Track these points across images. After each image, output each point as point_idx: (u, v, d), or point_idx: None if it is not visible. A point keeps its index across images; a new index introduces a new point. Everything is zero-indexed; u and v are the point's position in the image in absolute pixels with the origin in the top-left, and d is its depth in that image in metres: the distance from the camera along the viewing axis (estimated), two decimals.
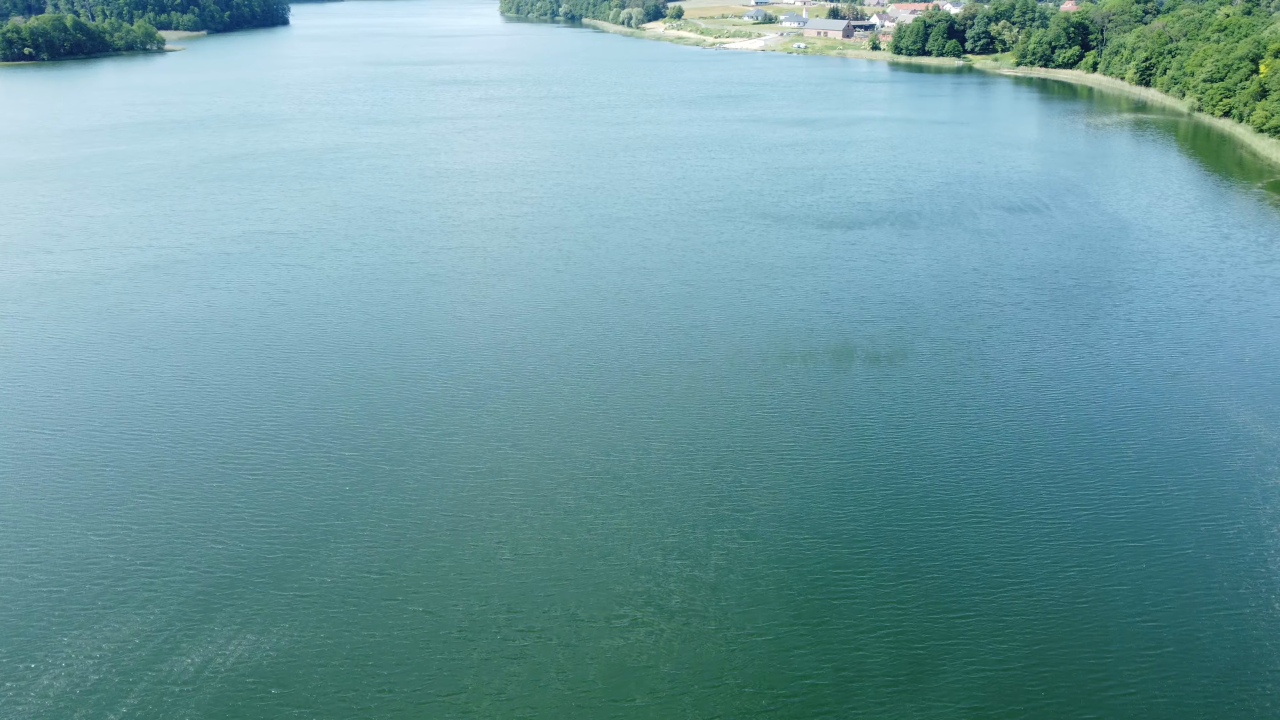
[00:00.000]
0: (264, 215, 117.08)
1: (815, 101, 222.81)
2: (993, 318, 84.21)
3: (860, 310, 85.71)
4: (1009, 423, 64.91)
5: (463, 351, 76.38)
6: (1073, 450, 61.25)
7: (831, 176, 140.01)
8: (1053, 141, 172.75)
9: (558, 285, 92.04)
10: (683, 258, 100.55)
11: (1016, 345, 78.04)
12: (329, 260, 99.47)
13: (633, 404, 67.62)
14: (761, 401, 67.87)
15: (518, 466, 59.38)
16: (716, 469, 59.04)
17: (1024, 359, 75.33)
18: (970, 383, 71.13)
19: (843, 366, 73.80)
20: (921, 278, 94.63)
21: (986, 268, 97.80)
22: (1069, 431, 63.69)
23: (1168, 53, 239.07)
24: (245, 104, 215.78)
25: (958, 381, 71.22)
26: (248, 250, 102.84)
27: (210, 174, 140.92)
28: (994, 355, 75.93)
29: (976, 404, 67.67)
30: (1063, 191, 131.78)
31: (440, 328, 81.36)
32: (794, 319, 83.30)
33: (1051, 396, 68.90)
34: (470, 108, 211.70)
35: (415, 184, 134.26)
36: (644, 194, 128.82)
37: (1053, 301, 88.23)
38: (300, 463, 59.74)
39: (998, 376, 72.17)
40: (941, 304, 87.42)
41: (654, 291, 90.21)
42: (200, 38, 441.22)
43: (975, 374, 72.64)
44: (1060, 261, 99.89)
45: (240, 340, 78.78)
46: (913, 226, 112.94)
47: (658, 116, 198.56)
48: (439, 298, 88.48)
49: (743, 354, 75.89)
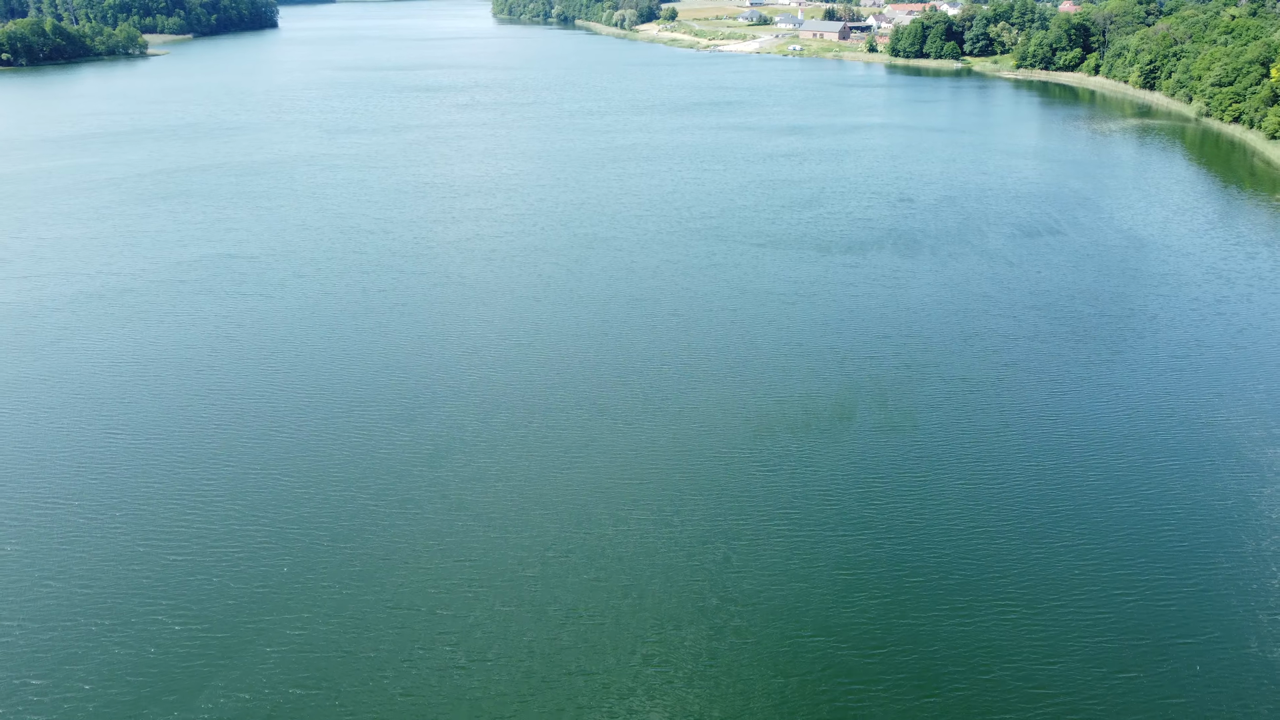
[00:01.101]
0: (226, 237, 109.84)
1: (811, 107, 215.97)
2: (1008, 353, 77.30)
3: (863, 344, 78.76)
4: (1034, 483, 57.93)
5: (426, 399, 69.27)
6: (1110, 520, 54.29)
7: (829, 190, 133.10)
8: (1058, 149, 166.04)
9: (535, 317, 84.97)
10: (671, 283, 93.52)
11: (1036, 386, 71.12)
12: (291, 289, 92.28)
13: (612, 461, 60.59)
14: (755, 457, 60.86)
15: (478, 546, 52.26)
16: (704, 544, 52.01)
17: (1045, 403, 68.38)
18: (988, 432, 64.17)
19: (846, 413, 66.80)
20: (928, 305, 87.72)
21: (998, 294, 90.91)
22: (1103, 495, 56.75)
23: (1173, 55, 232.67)
24: (221, 112, 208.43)
25: (974, 431, 64.26)
26: (204, 277, 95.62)
27: (176, 189, 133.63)
28: (1012, 399, 68.98)
29: (996, 459, 60.71)
30: (1073, 205, 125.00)
31: (404, 371, 74.21)
32: (791, 356, 76.31)
33: (1079, 450, 61.94)
34: (454, 115, 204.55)
35: (390, 200, 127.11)
36: (632, 210, 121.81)
37: (1072, 334, 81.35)
38: (235, 538, 52.61)
39: (1018, 425, 65.21)
40: (951, 336, 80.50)
41: (639, 324, 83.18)
42: (186, 41, 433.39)
43: (993, 421, 65.69)
44: (1077, 286, 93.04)
45: (183, 384, 71.58)
46: (917, 246, 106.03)
47: (648, 124, 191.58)
48: (405, 333, 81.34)
49: (735, 399, 68.88)
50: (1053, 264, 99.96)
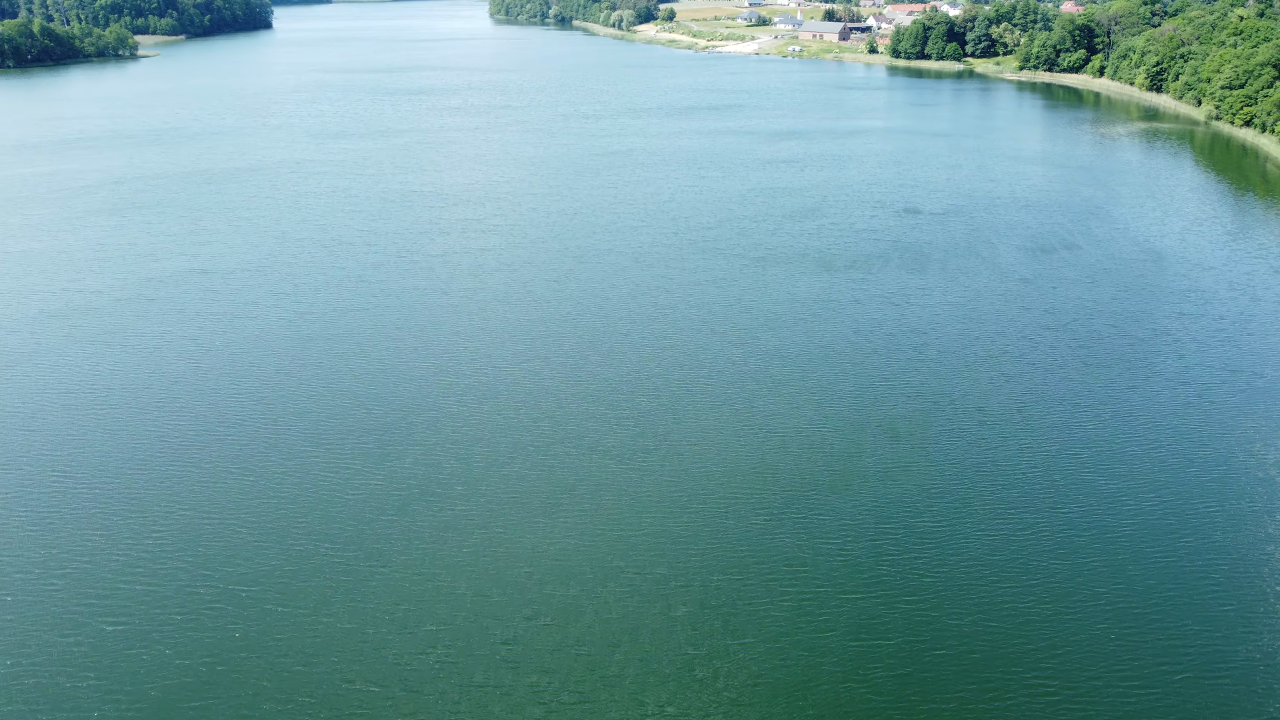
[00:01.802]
0: (201, 250, 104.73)
1: (812, 110, 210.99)
2: (1026, 379, 72.33)
3: (872, 370, 73.75)
4: (1062, 532, 52.94)
5: (401, 435, 64.21)
6: (1147, 576, 49.26)
7: (831, 198, 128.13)
8: (1066, 154, 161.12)
9: (521, 342, 79.93)
10: (667, 303, 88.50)
11: (1057, 419, 66.11)
12: (264, 308, 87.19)
13: (599, 507, 55.56)
14: (757, 502, 55.85)
15: (447, 610, 47.25)
16: (700, 607, 47.00)
17: (1068, 439, 63.36)
18: (1008, 472, 59.18)
19: (854, 450, 61.76)
20: (939, 327, 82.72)
21: (1012, 313, 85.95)
22: (1136, 545, 51.75)
23: (1180, 57, 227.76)
24: (206, 115, 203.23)
25: (993, 471, 59.27)
26: (174, 295, 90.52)
27: (152, 198, 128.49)
28: (1033, 434, 63.96)
29: (1018, 505, 55.71)
30: (1085, 215, 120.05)
31: (378, 402, 69.13)
32: (795, 385, 71.29)
33: (1107, 493, 56.96)
34: (445, 119, 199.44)
35: (375, 210, 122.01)
36: (626, 221, 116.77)
37: (1093, 357, 76.39)
38: (181, 603, 47.57)
39: (1040, 464, 60.20)
40: (965, 361, 75.51)
41: (631, 349, 78.14)
42: (178, 43, 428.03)
43: (1013, 458, 60.68)
44: (1094, 304, 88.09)
45: (139, 418, 66.49)
46: (925, 260, 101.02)
47: (645, 128, 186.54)
48: (382, 360, 76.25)
49: (735, 435, 63.85)
50: (1067, 280, 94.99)
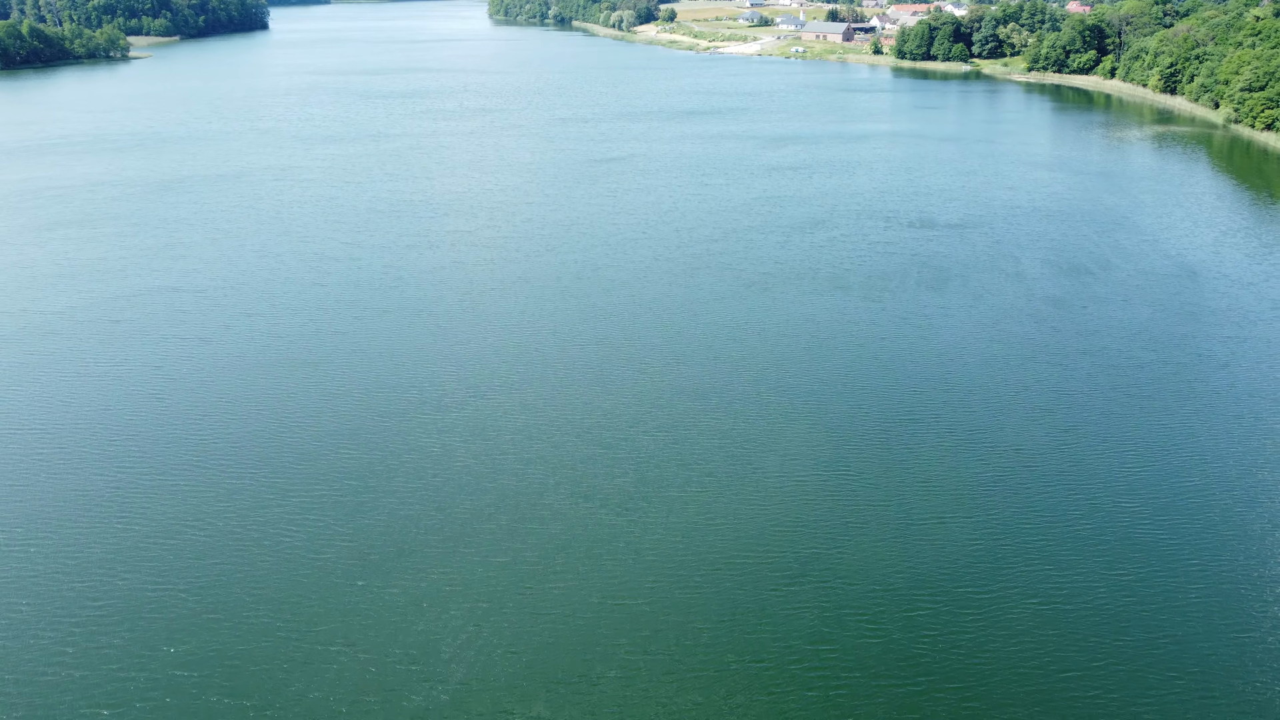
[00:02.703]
0: (174, 265, 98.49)
1: (818, 114, 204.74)
2: (1064, 413, 66.08)
3: (895, 404, 67.49)
4: (1122, 600, 46.64)
5: (378, 481, 57.95)
6: (1232, 651, 43.06)
7: (841, 208, 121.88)
8: (1083, 159, 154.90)
9: (512, 372, 73.63)
10: (670, 325, 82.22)
11: (1103, 458, 59.84)
12: (236, 331, 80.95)
13: (595, 570, 49.32)
14: (774, 564, 49.60)
15: (419, 702, 41.04)
16: (710, 699, 40.77)
17: (1118, 481, 57.06)
18: (1053, 523, 52.92)
19: (882, 498, 55.52)
20: (965, 352, 76.47)
21: (1043, 336, 79.70)
22: (1210, 613, 45.50)
23: (1195, 58, 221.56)
24: (193, 119, 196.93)
25: (1036, 522, 52.99)
26: (141, 316, 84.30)
27: (128, 207, 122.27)
28: (1078, 476, 57.68)
29: (1067, 564, 49.43)
30: (1111, 226, 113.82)
31: (353, 443, 62.86)
32: (811, 421, 65.01)
33: (1169, 546, 50.68)
34: (439, 123, 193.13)
35: (361, 221, 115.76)
36: (626, 233, 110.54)
37: (1135, 386, 70.15)
38: (107, 695, 41.36)
39: (1090, 513, 53.91)
40: (996, 392, 69.24)
41: (631, 378, 71.87)
42: (171, 44, 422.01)
43: (1057, 506, 54.41)
44: (1130, 325, 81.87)
45: (88, 462, 60.23)
46: (944, 277, 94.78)
47: (645, 133, 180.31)
48: (359, 394, 69.93)
49: (748, 482, 57.57)
50: (1099, 298, 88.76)
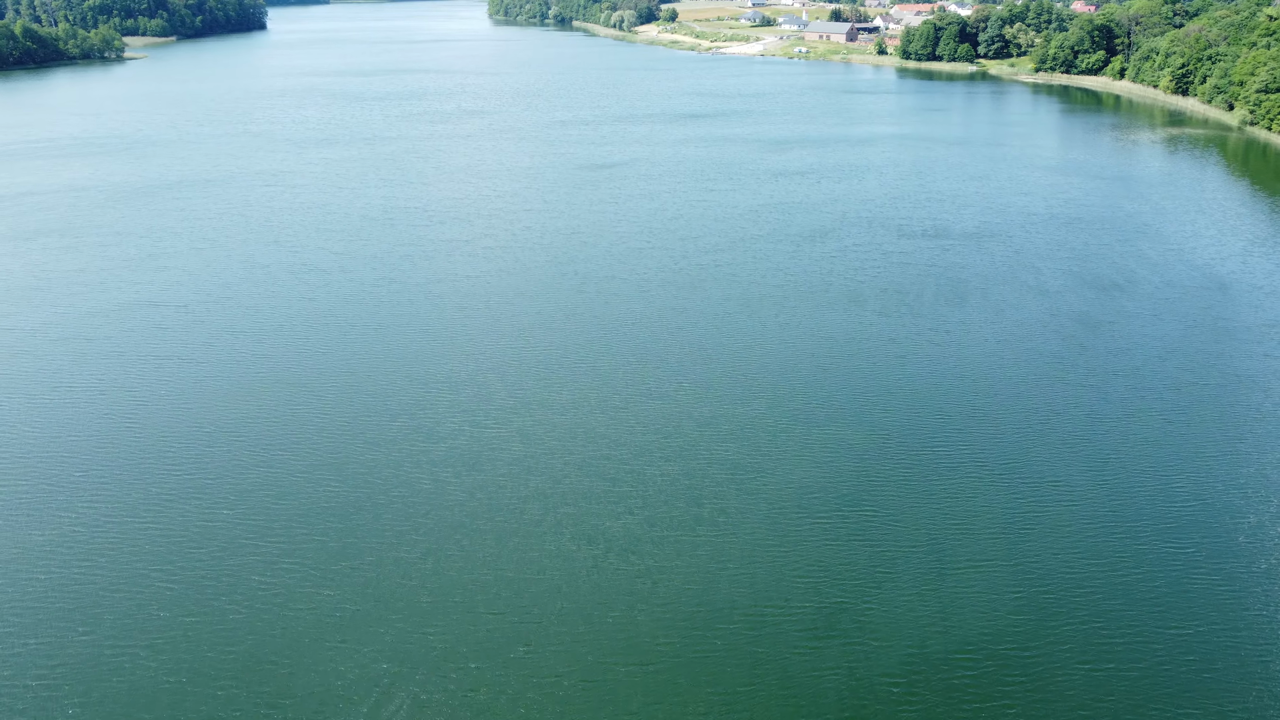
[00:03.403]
0: (156, 278, 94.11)
1: (823, 115, 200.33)
2: (1100, 440, 61.66)
3: (920, 432, 63.06)
4: (1182, 659, 42.30)
5: (361, 525, 53.54)
6: None
7: (852, 215, 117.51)
8: (1098, 163, 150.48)
9: (510, 396, 69.19)
10: (675, 344, 77.82)
11: (1147, 494, 55.44)
12: (218, 350, 76.55)
13: (593, 631, 44.98)
14: (798, 623, 45.20)
15: None
16: None
17: (1166, 522, 52.62)
18: (1105, 575, 48.51)
19: (913, 541, 51.11)
20: (990, 372, 72.06)
21: (1071, 355, 75.30)
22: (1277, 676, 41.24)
23: (1208, 59, 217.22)
24: (185, 122, 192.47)
25: (1087, 574, 48.56)
26: (118, 334, 79.94)
27: (112, 215, 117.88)
28: (1125, 517, 53.25)
29: (1121, 614, 45.03)
30: (1132, 234, 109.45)
31: (336, 481, 58.43)
32: (830, 451, 60.57)
33: (1229, 601, 46.32)
34: (436, 126, 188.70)
35: (354, 230, 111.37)
36: (630, 242, 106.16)
37: (1174, 411, 65.73)
38: None
39: (1143, 563, 49.48)
40: (1027, 418, 64.81)
41: (636, 403, 67.45)
42: (168, 44, 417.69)
43: (1107, 554, 50.02)
44: (1162, 343, 77.49)
45: (55, 494, 55.85)
46: (963, 289, 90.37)
47: (648, 136, 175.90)
48: (346, 423, 65.48)
49: (761, 522, 53.20)
50: (1127, 312, 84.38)
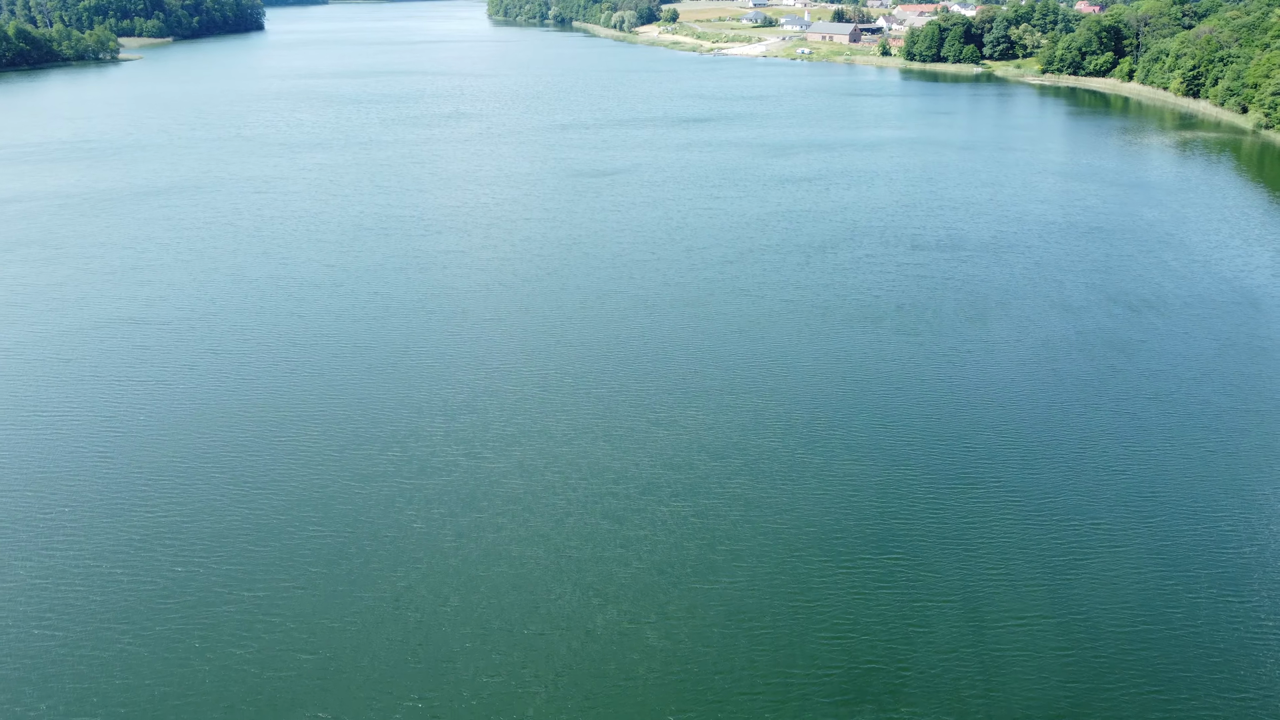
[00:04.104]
0: (139, 293, 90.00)
1: (829, 119, 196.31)
2: (1138, 472, 57.62)
3: (946, 462, 58.98)
4: None
5: (349, 570, 49.52)
6: None
7: (864, 224, 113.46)
8: (1114, 168, 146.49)
9: (509, 426, 65.06)
10: (683, 367, 73.71)
11: (1197, 537, 51.37)
12: (201, 372, 72.43)
13: (602, 713, 40.97)
14: (819, 686, 41.06)
15: None
16: None
17: (1222, 570, 48.45)
18: (1159, 625, 44.42)
19: (945, 590, 47.03)
20: (1018, 398, 67.95)
21: (1100, 378, 71.26)
22: None
23: (1219, 60, 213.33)
24: (177, 125, 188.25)
25: (1137, 624, 44.45)
26: (96, 354, 75.85)
27: (96, 224, 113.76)
28: (1175, 561, 49.15)
29: (1183, 681, 40.97)
30: (1155, 244, 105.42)
31: (324, 515, 54.34)
32: (851, 485, 56.49)
33: None
34: (433, 129, 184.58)
35: (347, 240, 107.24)
36: (633, 253, 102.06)
37: (1215, 439, 61.67)
38: None
39: (1195, 614, 45.33)
40: (1058, 447, 60.71)
41: (643, 433, 63.35)
42: (164, 45, 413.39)
43: (1161, 603, 45.95)
44: (1197, 364, 73.45)
45: (18, 535, 51.79)
46: (983, 305, 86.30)
47: (650, 140, 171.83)
48: (334, 449, 61.34)
49: (778, 565, 49.16)
50: (1157, 331, 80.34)
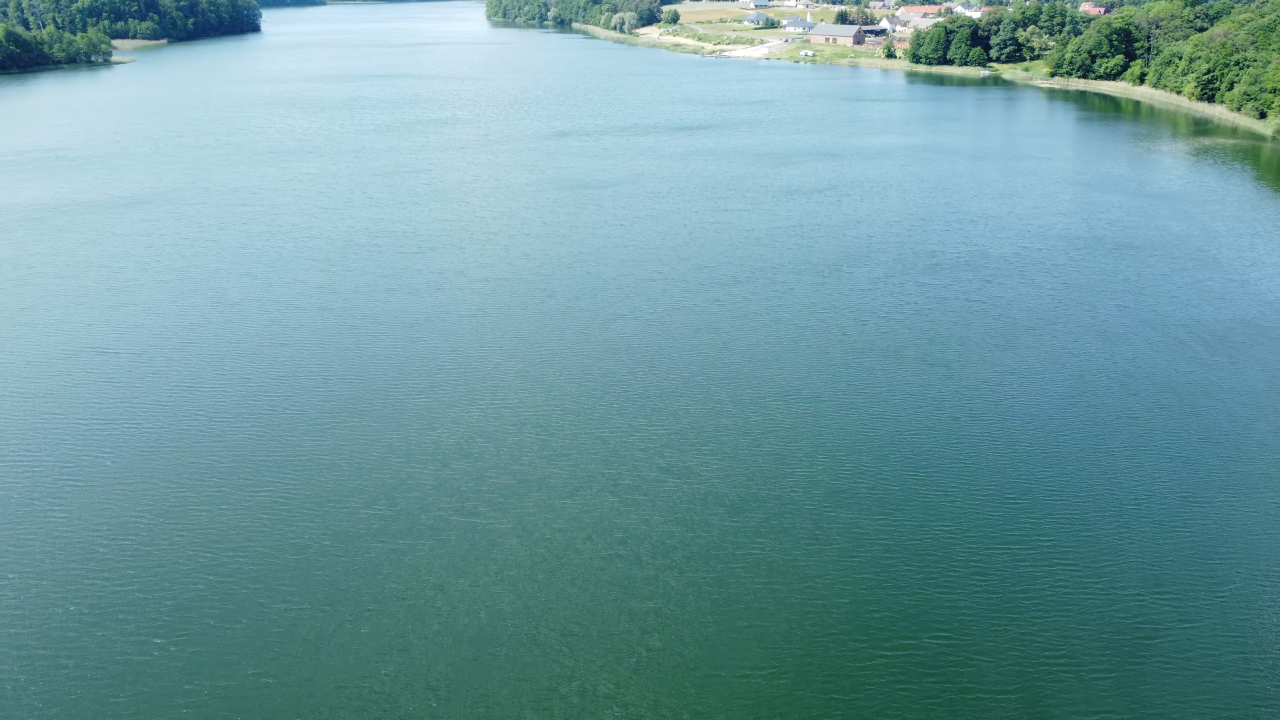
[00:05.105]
0: (112, 317, 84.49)
1: (836, 125, 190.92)
2: (1199, 527, 52.21)
3: (986, 515, 53.50)
4: None
5: (328, 659, 44.13)
6: None
7: (879, 240, 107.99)
8: (1133, 177, 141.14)
9: (505, 472, 59.47)
10: (691, 404, 68.19)
11: (1271, 605, 46.07)
12: (172, 412, 66.82)
13: None
14: None
15: None
16: None
17: None
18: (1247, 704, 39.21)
19: (997, 671, 41.60)
20: (1057, 439, 62.46)
21: (1146, 415, 65.79)
22: None
23: (1235, 64, 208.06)
24: (165, 132, 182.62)
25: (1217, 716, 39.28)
26: (60, 388, 70.30)
27: (73, 239, 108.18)
28: (1259, 641, 43.82)
29: None
30: (1188, 261, 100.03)
31: (297, 586, 48.82)
32: (880, 543, 50.97)
33: None
34: (428, 136, 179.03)
35: (335, 258, 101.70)
36: (638, 272, 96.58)
37: (1274, 482, 56.33)
38: None
39: None
40: (1112, 499, 55.26)
41: (653, 484, 57.83)
42: (158, 47, 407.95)
43: (1239, 686, 40.63)
44: (1249, 400, 67.97)
45: None
46: (1013, 332, 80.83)
47: (653, 147, 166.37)
48: (313, 504, 55.87)
49: (807, 644, 43.68)
50: (1202, 361, 74.88)
